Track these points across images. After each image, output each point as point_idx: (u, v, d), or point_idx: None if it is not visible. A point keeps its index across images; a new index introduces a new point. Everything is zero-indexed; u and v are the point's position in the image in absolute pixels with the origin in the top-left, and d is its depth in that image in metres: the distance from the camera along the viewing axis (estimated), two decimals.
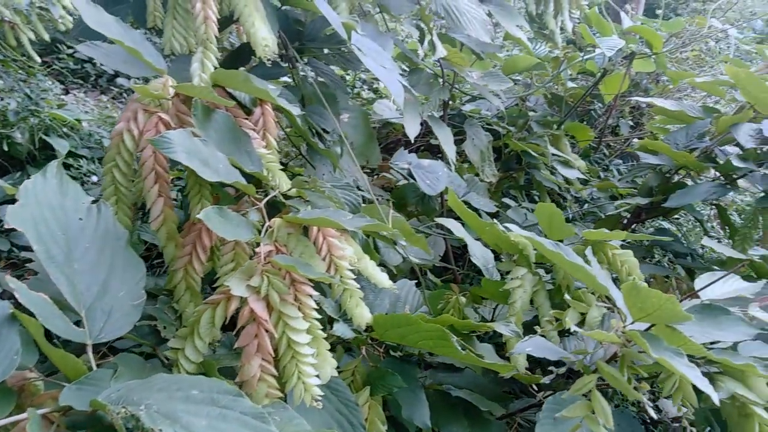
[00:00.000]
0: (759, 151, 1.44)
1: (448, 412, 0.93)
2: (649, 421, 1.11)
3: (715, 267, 1.42)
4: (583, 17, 2.16)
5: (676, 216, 2.32)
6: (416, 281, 1.20)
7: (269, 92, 0.82)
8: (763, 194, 1.32)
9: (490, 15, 1.75)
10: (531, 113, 2.38)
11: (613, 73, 2.17)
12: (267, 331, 0.62)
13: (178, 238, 0.74)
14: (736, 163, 1.28)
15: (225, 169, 0.71)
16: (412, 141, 1.53)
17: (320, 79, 1.40)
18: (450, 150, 1.64)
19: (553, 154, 1.75)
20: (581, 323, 0.84)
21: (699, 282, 0.82)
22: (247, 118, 0.91)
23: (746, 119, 1.47)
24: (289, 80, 1.44)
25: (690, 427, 0.66)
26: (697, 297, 0.83)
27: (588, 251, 0.83)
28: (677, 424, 0.89)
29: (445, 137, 1.66)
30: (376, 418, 0.77)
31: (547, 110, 2.40)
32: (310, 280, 0.68)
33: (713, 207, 1.95)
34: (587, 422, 0.59)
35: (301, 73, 1.40)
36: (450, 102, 2.33)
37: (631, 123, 2.85)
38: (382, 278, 0.88)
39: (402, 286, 1.18)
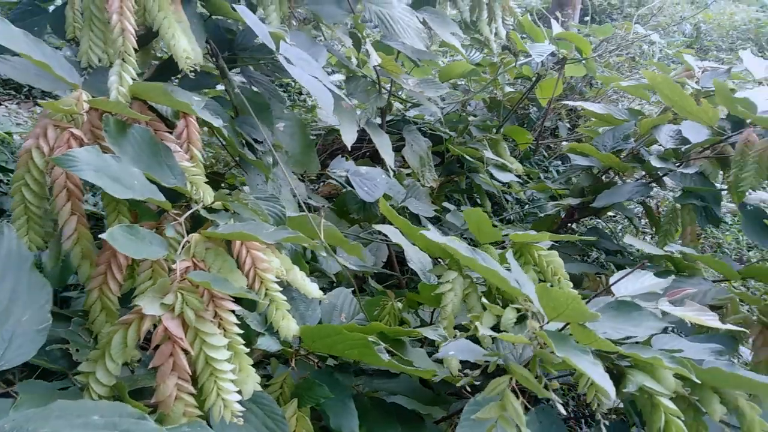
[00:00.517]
0: (679, 151, 1.51)
1: (382, 419, 0.94)
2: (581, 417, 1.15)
3: (647, 263, 1.49)
4: (516, 24, 2.23)
5: (612, 214, 2.42)
6: (353, 289, 1.21)
7: (189, 104, 0.81)
8: (681, 192, 1.39)
9: (424, 23, 1.78)
10: (471, 118, 2.44)
11: (547, 78, 2.24)
12: (183, 349, 0.62)
13: (93, 256, 0.72)
14: (654, 163, 1.34)
15: (140, 185, 0.70)
16: (350, 148, 1.53)
17: (254, 88, 1.39)
18: (388, 156, 1.65)
19: (488, 158, 1.79)
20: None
21: (613, 279, 0.86)
22: (169, 131, 0.90)
23: (666, 121, 1.55)
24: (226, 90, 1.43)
25: (603, 420, 0.69)
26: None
27: (509, 254, 0.86)
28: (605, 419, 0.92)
29: (383, 144, 1.68)
30: (304, 429, 0.77)
31: (487, 115, 2.46)
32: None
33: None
34: (501, 423, 0.61)
35: (240, 82, 1.39)
36: (392, 108, 2.36)
37: (568, 125, 2.94)
38: (311, 288, 0.88)
39: (338, 295, 1.18)
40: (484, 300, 0.78)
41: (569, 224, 1.75)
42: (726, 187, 1.40)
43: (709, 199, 1.39)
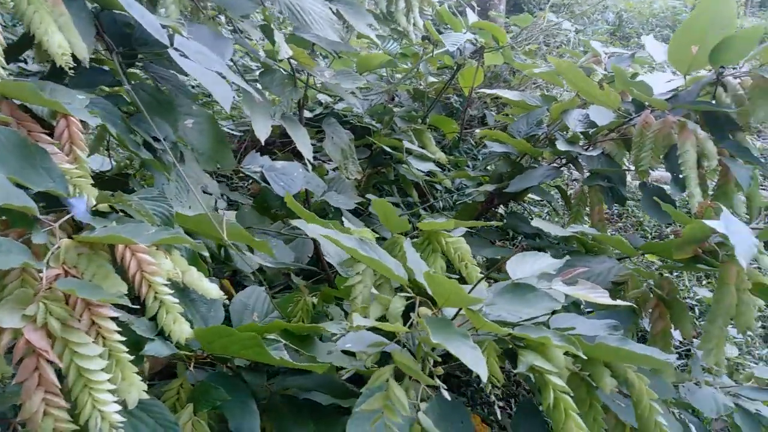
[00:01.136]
0: (588, 134, 1.56)
1: (293, 416, 0.92)
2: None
3: (564, 245, 1.53)
4: (435, 14, 2.24)
5: (538, 198, 2.48)
6: (265, 287, 1.19)
7: (59, 103, 0.77)
8: (589, 174, 1.43)
9: (338, 14, 1.76)
10: (396, 109, 2.44)
11: (467, 67, 2.26)
12: (49, 362, 0.58)
13: None
14: (560, 146, 1.37)
15: (2, 191, 0.65)
16: (263, 143, 1.50)
17: (160, 84, 1.34)
18: (306, 150, 1.62)
19: (407, 149, 1.79)
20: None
21: (509, 263, 0.87)
22: (47, 133, 0.85)
23: (575, 105, 1.59)
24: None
25: (497, 402, 0.70)
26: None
27: (407, 242, 0.86)
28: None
29: (300, 138, 1.65)
30: None
31: (411, 105, 2.46)
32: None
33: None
34: (386, 413, 0.61)
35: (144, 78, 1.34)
36: (308, 101, 2.32)
37: (494, 113, 2.99)
38: (209, 289, 0.85)
39: (250, 294, 1.16)
40: (373, 290, 0.77)
41: (491, 210, 1.77)
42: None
43: (615, 180, 1.45)
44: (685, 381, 1.16)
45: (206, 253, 0.83)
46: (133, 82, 1.20)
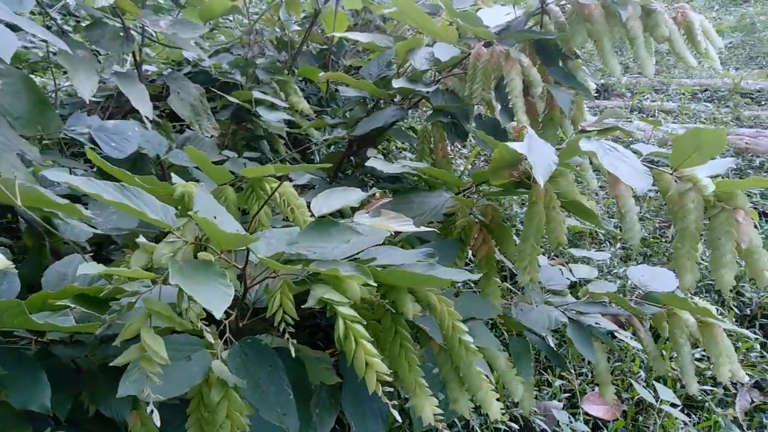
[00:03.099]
0: (435, 72, 1.56)
1: (106, 383, 0.87)
2: None
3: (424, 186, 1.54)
4: None
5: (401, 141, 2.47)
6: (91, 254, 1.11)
7: None
8: (432, 111, 1.44)
9: None
10: (260, 61, 2.34)
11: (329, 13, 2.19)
12: None
13: None
14: (395, 84, 1.36)
15: None
16: (87, 102, 1.38)
17: None
18: (143, 107, 1.52)
19: (257, 100, 1.72)
20: None
21: (315, 200, 0.85)
22: None
23: (422, 44, 1.58)
24: None
25: (292, 341, 0.69)
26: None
27: (200, 187, 0.81)
28: None
29: (136, 95, 1.54)
30: None
31: (275, 56, 2.37)
32: None
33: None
34: (142, 363, 0.58)
35: None
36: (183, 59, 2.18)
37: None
38: None
39: (69, 263, 1.08)
40: (140, 239, 0.72)
41: (352, 156, 1.75)
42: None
43: (459, 115, 1.46)
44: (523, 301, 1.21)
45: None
46: None
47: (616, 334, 1.37)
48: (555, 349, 1.85)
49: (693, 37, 1.36)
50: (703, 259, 2.40)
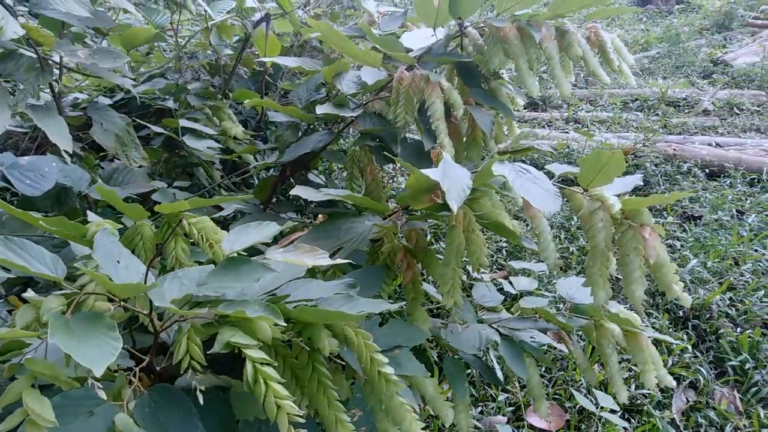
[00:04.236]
0: (361, 97, 1.56)
1: None
2: None
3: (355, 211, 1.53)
4: None
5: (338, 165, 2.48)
6: None
7: None
8: (359, 135, 1.44)
9: None
10: (193, 86, 2.30)
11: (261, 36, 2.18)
12: None
13: None
14: (319, 110, 1.35)
15: None
16: None
17: None
18: (61, 140, 1.46)
19: (183, 127, 1.69)
20: None
21: (227, 236, 0.83)
22: None
23: (349, 68, 1.58)
24: None
25: (199, 387, 0.66)
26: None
27: (101, 232, 0.78)
28: None
29: (53, 128, 1.48)
30: None
31: (209, 81, 2.34)
32: None
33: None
34: (27, 428, 0.54)
35: None
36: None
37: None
38: None
39: None
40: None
41: (286, 182, 1.73)
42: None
43: (387, 138, 1.46)
44: (454, 323, 1.22)
45: None
46: None
47: (557, 345, 1.39)
48: (499, 364, 1.87)
49: (606, 55, 1.41)
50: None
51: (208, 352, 0.71)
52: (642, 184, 3.27)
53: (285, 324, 0.70)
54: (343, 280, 0.91)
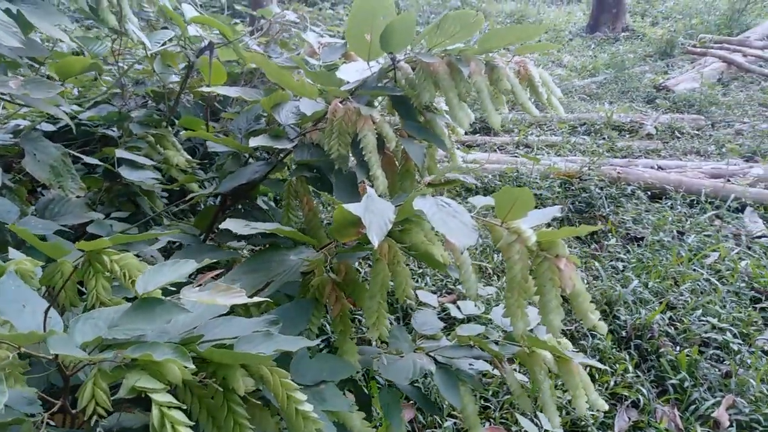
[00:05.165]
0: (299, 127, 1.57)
1: None
2: None
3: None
4: (157, 11, 2.11)
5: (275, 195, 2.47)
6: None
7: None
8: (295, 166, 1.44)
9: (18, 15, 1.56)
10: (137, 113, 2.27)
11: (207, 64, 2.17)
12: None
13: None
14: (252, 143, 1.36)
15: None
16: None
17: None
18: None
19: (119, 158, 1.67)
20: None
21: (141, 277, 0.82)
22: None
23: (288, 99, 1.59)
24: None
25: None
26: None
27: (7, 275, 0.76)
28: None
29: None
30: None
31: (152, 110, 2.31)
32: None
33: None
34: None
35: None
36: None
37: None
38: None
39: None
40: None
41: (227, 209, 1.72)
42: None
43: (325, 169, 1.47)
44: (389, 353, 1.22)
45: None
46: None
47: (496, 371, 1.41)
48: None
49: (535, 89, 1.46)
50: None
51: (114, 397, 0.69)
52: (586, 205, 3.37)
53: (194, 367, 0.70)
54: (265, 317, 0.91)
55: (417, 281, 2.57)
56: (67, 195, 1.75)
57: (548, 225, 1.12)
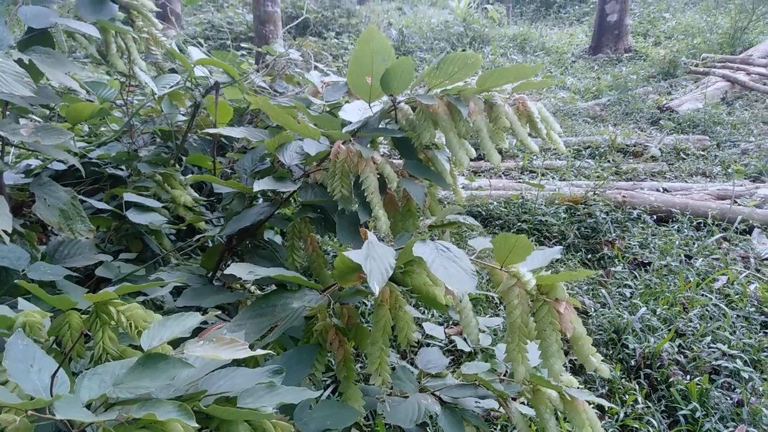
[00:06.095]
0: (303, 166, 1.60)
1: None
2: None
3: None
4: (163, 54, 2.17)
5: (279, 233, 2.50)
6: None
7: None
8: (299, 207, 1.47)
9: (30, 65, 1.62)
10: (144, 153, 2.32)
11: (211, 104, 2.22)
12: None
13: None
14: (257, 187, 1.38)
15: None
16: None
17: None
18: (1, 220, 1.45)
19: (128, 201, 1.70)
20: None
21: (146, 331, 0.84)
22: None
23: (292, 139, 1.62)
24: None
25: None
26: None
27: (15, 335, 0.78)
28: None
29: None
30: None
31: (160, 148, 2.36)
32: None
33: None
34: None
35: None
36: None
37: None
38: None
39: None
40: None
41: (231, 250, 1.74)
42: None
43: (329, 209, 1.49)
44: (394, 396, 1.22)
45: None
46: None
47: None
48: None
49: (534, 124, 1.48)
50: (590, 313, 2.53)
51: None
52: (592, 231, 3.37)
53: (197, 425, 0.71)
54: (268, 367, 0.92)
55: (423, 312, 2.57)
56: (76, 237, 1.78)
57: (553, 261, 1.13)
